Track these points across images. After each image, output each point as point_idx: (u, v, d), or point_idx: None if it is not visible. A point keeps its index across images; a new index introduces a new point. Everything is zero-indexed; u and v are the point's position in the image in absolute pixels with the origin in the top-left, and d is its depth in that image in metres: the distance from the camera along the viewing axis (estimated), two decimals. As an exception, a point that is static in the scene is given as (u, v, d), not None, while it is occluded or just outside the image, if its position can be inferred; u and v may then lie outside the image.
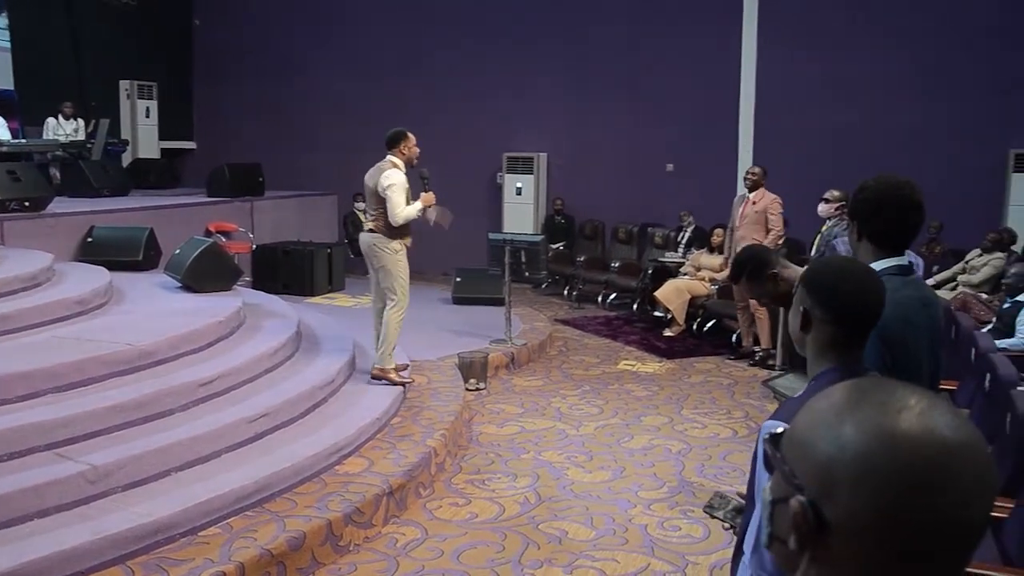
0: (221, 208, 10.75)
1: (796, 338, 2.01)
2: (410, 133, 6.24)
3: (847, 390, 0.87)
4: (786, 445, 0.89)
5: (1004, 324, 6.60)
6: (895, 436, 0.80)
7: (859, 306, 1.89)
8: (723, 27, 11.15)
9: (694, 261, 9.71)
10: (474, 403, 6.73)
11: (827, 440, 0.84)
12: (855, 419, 0.83)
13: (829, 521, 0.82)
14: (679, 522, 4.67)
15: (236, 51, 14.04)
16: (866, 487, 0.80)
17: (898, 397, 0.84)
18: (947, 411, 0.83)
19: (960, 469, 0.79)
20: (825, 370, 1.88)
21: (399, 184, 6.06)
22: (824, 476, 0.83)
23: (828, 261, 2.05)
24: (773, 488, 0.90)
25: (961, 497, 0.79)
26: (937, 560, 0.80)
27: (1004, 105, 10.03)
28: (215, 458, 4.47)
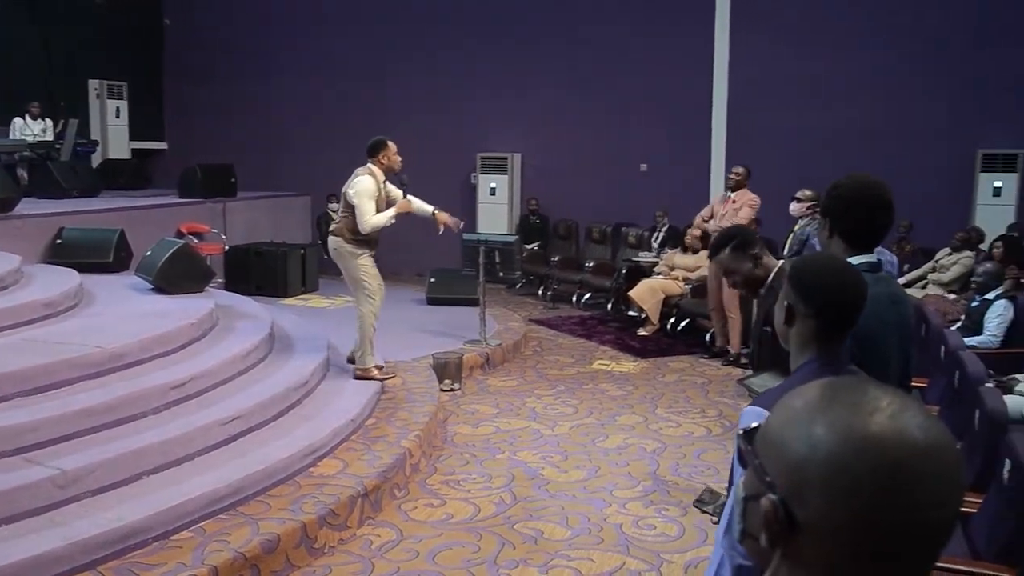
0: (193, 209, 10.66)
1: (780, 332, 2.08)
2: (391, 142, 6.22)
3: (820, 389, 0.88)
4: (759, 442, 0.89)
5: (973, 322, 6.69)
6: (865, 438, 0.81)
7: (839, 300, 1.96)
8: (696, 28, 11.21)
9: (668, 261, 9.75)
10: (449, 404, 6.72)
11: (799, 440, 0.84)
12: (827, 419, 0.83)
13: (799, 521, 0.82)
14: (654, 521, 4.69)
15: (208, 51, 13.93)
16: (836, 488, 0.80)
17: (870, 398, 0.84)
18: (918, 412, 0.83)
19: (930, 471, 0.80)
20: (806, 362, 1.96)
21: (365, 191, 6.04)
22: (795, 476, 0.83)
23: (810, 258, 2.14)
24: (746, 484, 0.91)
25: (930, 499, 0.80)
26: (906, 560, 0.81)
27: (972, 106, 10.16)
28: (187, 461, 4.43)
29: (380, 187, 6.18)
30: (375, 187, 6.10)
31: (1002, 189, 10.03)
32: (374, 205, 6.07)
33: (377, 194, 6.12)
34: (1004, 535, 3.11)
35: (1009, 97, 10.02)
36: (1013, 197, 9.98)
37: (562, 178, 12.25)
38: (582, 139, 12.09)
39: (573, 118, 12.12)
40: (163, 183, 12.62)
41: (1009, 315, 6.48)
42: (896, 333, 2.44)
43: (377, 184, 6.14)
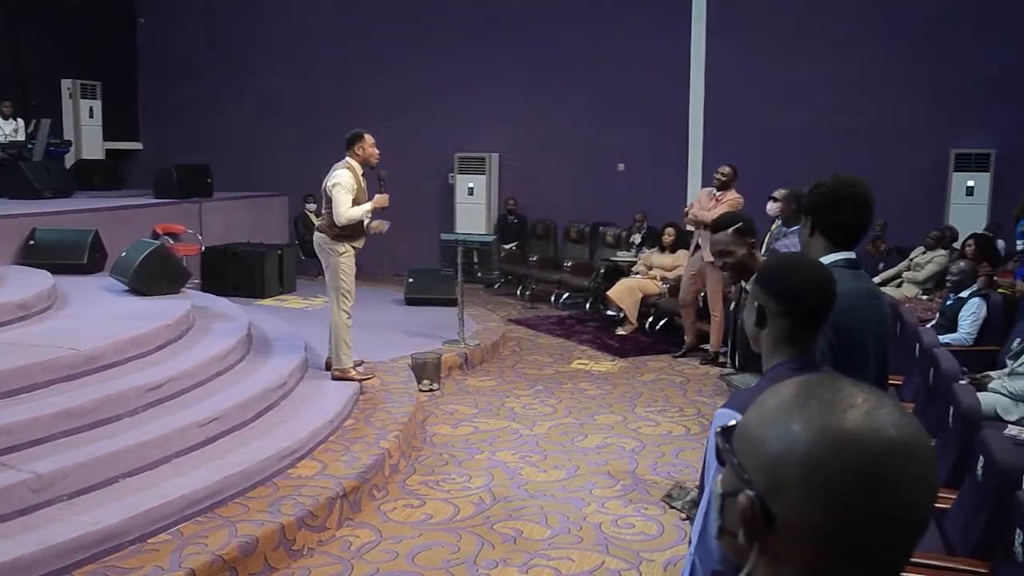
0: (169, 209, 10.58)
1: (751, 334, 2.05)
2: (367, 135, 6.23)
3: (796, 387, 0.88)
4: (737, 439, 0.90)
5: (947, 319, 6.76)
6: (841, 435, 0.81)
7: (812, 299, 1.94)
8: (673, 28, 11.25)
9: (646, 260, 9.78)
10: (428, 404, 6.71)
11: (776, 437, 0.84)
12: (803, 417, 0.84)
13: (776, 517, 0.83)
14: (633, 519, 4.70)
15: (183, 50, 13.83)
16: (813, 485, 0.81)
17: (846, 395, 0.85)
18: (893, 410, 0.84)
19: (905, 468, 0.81)
20: (779, 363, 1.93)
21: (344, 184, 6.07)
22: (772, 473, 0.84)
23: (781, 258, 2.11)
24: (724, 481, 0.91)
25: (905, 496, 0.80)
26: (880, 557, 0.82)
27: (945, 106, 10.27)
28: (164, 464, 4.40)
29: (359, 180, 6.18)
30: (353, 180, 6.11)
31: (975, 188, 10.15)
32: (351, 198, 6.08)
33: (355, 187, 6.13)
34: (978, 530, 3.15)
35: (981, 98, 10.13)
36: (986, 196, 10.10)
37: (540, 178, 12.26)
38: (560, 139, 12.11)
39: (551, 118, 12.13)
40: (138, 184, 12.51)
41: (982, 313, 6.56)
42: (874, 329, 2.48)
43: (355, 177, 6.15)
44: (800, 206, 3.02)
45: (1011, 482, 3.05)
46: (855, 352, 2.39)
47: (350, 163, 6.18)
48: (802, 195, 4.61)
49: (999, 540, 2.89)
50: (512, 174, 12.55)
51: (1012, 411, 5.16)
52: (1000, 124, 10.12)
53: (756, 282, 2.01)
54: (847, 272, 2.45)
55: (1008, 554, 2.75)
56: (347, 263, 6.18)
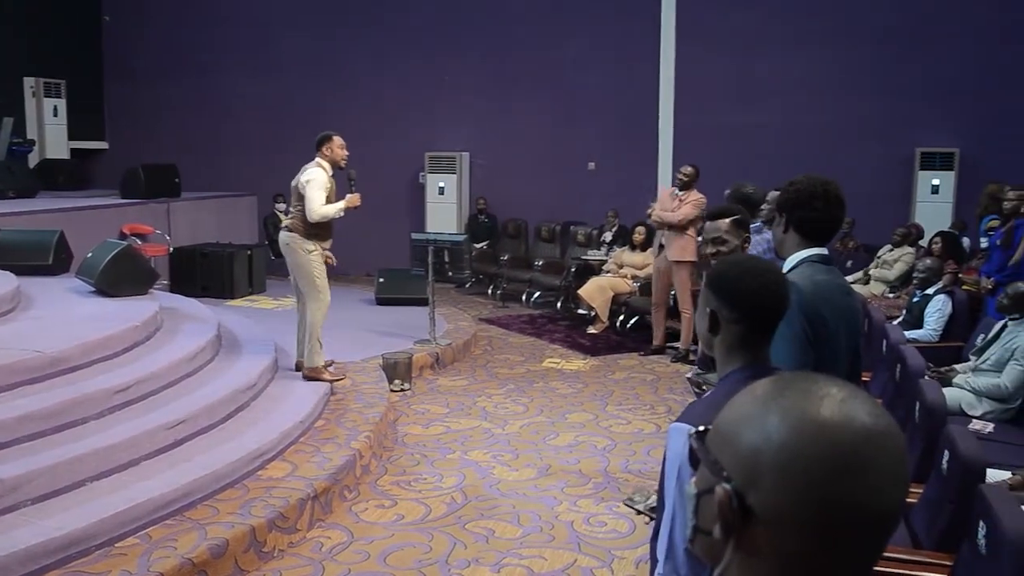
0: (136, 210, 10.47)
1: (704, 339, 2.00)
2: (336, 136, 6.26)
3: (771, 382, 0.89)
4: (711, 438, 0.91)
5: (914, 316, 6.85)
6: (817, 423, 0.83)
7: (765, 303, 1.90)
8: (642, 27, 11.30)
9: (617, 259, 9.82)
10: (399, 404, 6.69)
11: (753, 429, 0.85)
12: (780, 408, 0.85)
13: (754, 509, 0.84)
14: (605, 517, 4.72)
15: (149, 49, 13.68)
16: (790, 474, 0.82)
17: (820, 386, 0.86)
18: (866, 400, 0.86)
19: (877, 456, 0.82)
20: (734, 370, 1.88)
21: (318, 180, 6.09)
22: (750, 465, 0.84)
23: (731, 261, 2.04)
24: (698, 481, 0.92)
25: (878, 483, 0.81)
26: (855, 545, 0.83)
27: (910, 106, 10.40)
28: (132, 467, 4.35)
29: (330, 180, 6.20)
30: (325, 178, 6.14)
31: (940, 187, 10.29)
32: (324, 195, 6.10)
33: (328, 185, 6.15)
34: (943, 523, 3.19)
35: (945, 97, 10.28)
36: (950, 195, 10.24)
37: (511, 177, 12.27)
38: (530, 138, 12.13)
39: (521, 117, 12.14)
40: (104, 183, 12.36)
41: (947, 309, 6.65)
42: (847, 323, 2.51)
43: (327, 176, 6.18)
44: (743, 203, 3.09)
45: (974, 475, 3.10)
46: (829, 345, 2.42)
47: (321, 163, 6.20)
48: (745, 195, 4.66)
49: (963, 532, 2.93)
50: (483, 173, 12.54)
51: (976, 406, 5.25)
52: (964, 123, 10.27)
53: (707, 287, 1.96)
54: (821, 267, 2.51)
55: (972, 546, 2.79)
56: (317, 260, 6.17)
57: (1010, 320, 5.37)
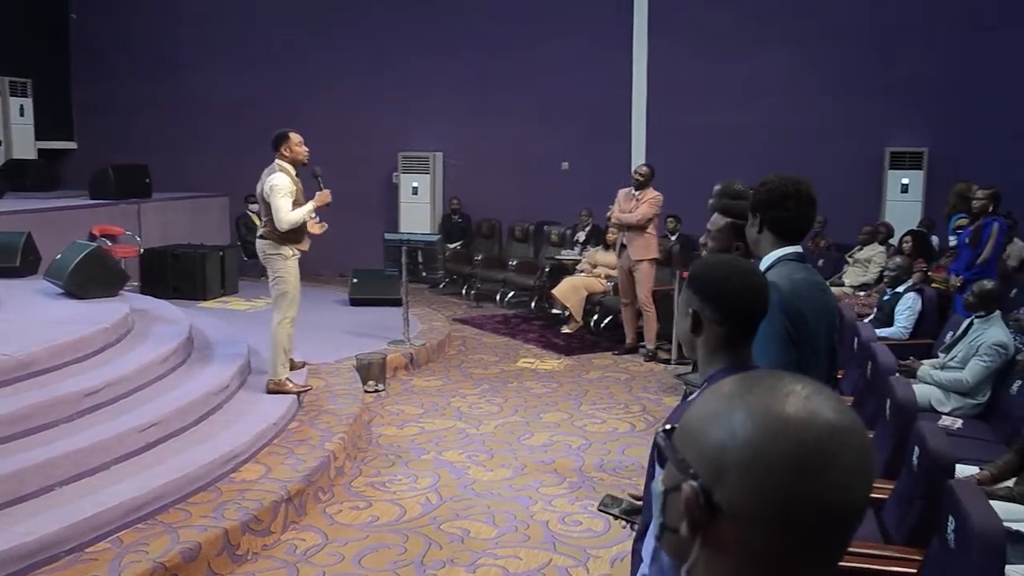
0: (106, 211, 10.35)
1: (685, 340, 2.00)
2: (293, 133, 5.94)
3: (737, 380, 0.90)
4: (678, 435, 0.91)
5: (884, 314, 6.93)
6: (782, 419, 0.83)
7: (748, 304, 1.90)
8: (615, 27, 11.34)
9: (590, 258, 9.84)
10: (373, 405, 6.67)
11: (719, 426, 0.86)
12: (745, 405, 0.86)
13: (720, 505, 0.84)
14: (580, 517, 4.73)
15: (118, 47, 13.53)
16: (756, 469, 0.82)
17: (785, 384, 0.87)
18: (831, 396, 0.86)
19: (841, 452, 0.83)
20: (718, 371, 1.88)
21: (281, 187, 5.78)
22: (716, 461, 0.85)
23: (711, 262, 2.03)
24: (665, 479, 0.92)
25: (844, 479, 0.82)
26: (821, 540, 0.84)
27: (880, 106, 10.52)
28: (103, 470, 4.30)
29: (294, 181, 5.92)
30: (289, 182, 5.84)
31: (909, 186, 10.40)
32: (290, 201, 5.81)
33: (293, 188, 5.87)
34: (913, 518, 3.23)
35: (914, 97, 10.40)
36: (920, 194, 10.36)
37: (484, 177, 12.27)
38: (504, 138, 12.13)
39: (494, 117, 12.14)
40: (73, 184, 12.20)
41: (917, 307, 6.73)
42: (824, 317, 2.54)
43: (291, 179, 5.88)
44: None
45: (944, 471, 3.14)
46: (809, 343, 2.44)
47: (282, 165, 5.89)
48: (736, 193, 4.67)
49: (933, 527, 2.96)
50: (456, 173, 12.53)
51: (945, 403, 5.32)
52: (933, 123, 10.40)
53: (690, 288, 1.95)
54: (798, 265, 2.53)
55: (941, 541, 2.82)
56: (293, 268, 5.92)
57: (976, 318, 5.44)
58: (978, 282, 5.64)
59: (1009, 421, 4.87)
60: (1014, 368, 5.12)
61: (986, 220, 6.93)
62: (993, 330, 5.28)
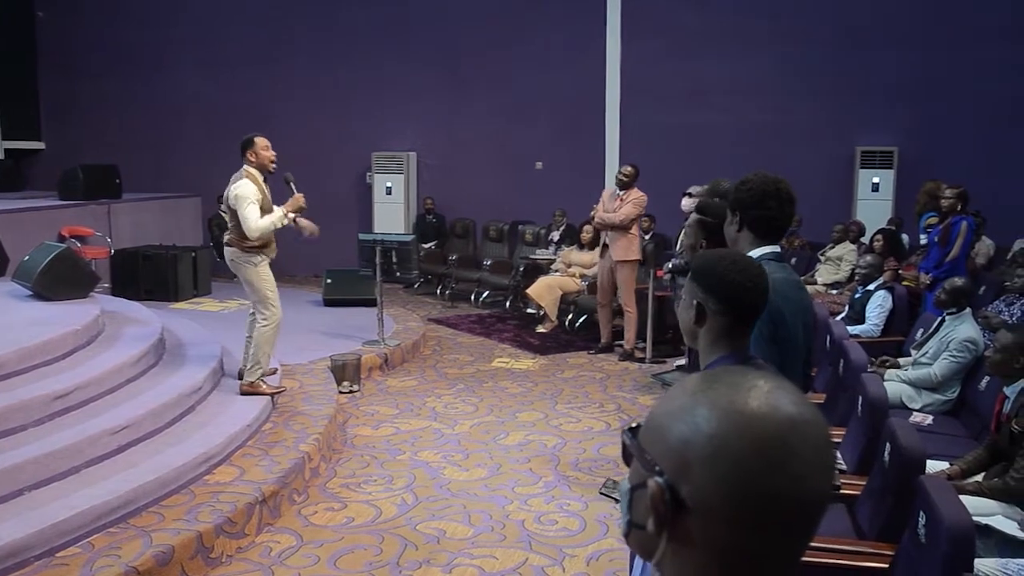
0: (75, 211, 10.23)
1: (688, 331, 2.08)
2: (259, 138, 5.76)
3: (700, 377, 0.92)
4: (643, 433, 0.92)
5: (856, 312, 7.00)
6: (745, 413, 0.84)
7: (751, 296, 2.00)
8: (589, 27, 11.37)
9: (565, 258, 9.85)
10: (348, 406, 6.65)
11: (683, 421, 0.87)
12: (708, 399, 0.87)
13: (685, 500, 0.85)
14: (556, 516, 4.73)
15: (86, 46, 13.37)
16: (720, 463, 0.83)
17: (748, 379, 0.88)
18: (791, 391, 0.88)
19: (803, 444, 0.84)
20: (719, 358, 1.97)
21: (245, 196, 5.59)
22: (680, 456, 0.86)
23: (714, 255, 2.12)
24: (631, 476, 0.93)
25: (805, 471, 0.83)
26: (784, 533, 0.85)
27: (851, 105, 10.62)
28: (73, 474, 4.25)
29: (261, 187, 5.74)
30: (255, 189, 5.66)
31: (880, 185, 10.51)
32: (258, 208, 5.63)
33: (260, 195, 5.69)
34: (885, 514, 3.26)
35: (885, 96, 10.51)
36: (890, 192, 10.47)
37: (458, 177, 12.26)
38: (478, 138, 12.13)
39: (468, 117, 12.14)
40: (41, 184, 12.07)
41: (888, 305, 6.80)
42: (801, 315, 2.57)
43: (257, 185, 5.70)
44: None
45: (914, 467, 3.17)
46: (789, 340, 2.47)
47: (248, 171, 5.71)
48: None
49: (904, 522, 3.00)
50: (430, 173, 12.51)
51: (916, 399, 5.37)
52: (903, 123, 10.52)
53: (694, 280, 2.04)
54: (775, 264, 2.55)
55: (912, 535, 2.85)
56: (264, 271, 5.79)
57: (948, 315, 5.50)
58: (949, 279, 5.70)
59: (978, 417, 4.93)
60: (983, 364, 5.19)
61: (955, 219, 7.02)
62: (964, 327, 5.35)
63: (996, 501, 3.65)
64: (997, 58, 10.04)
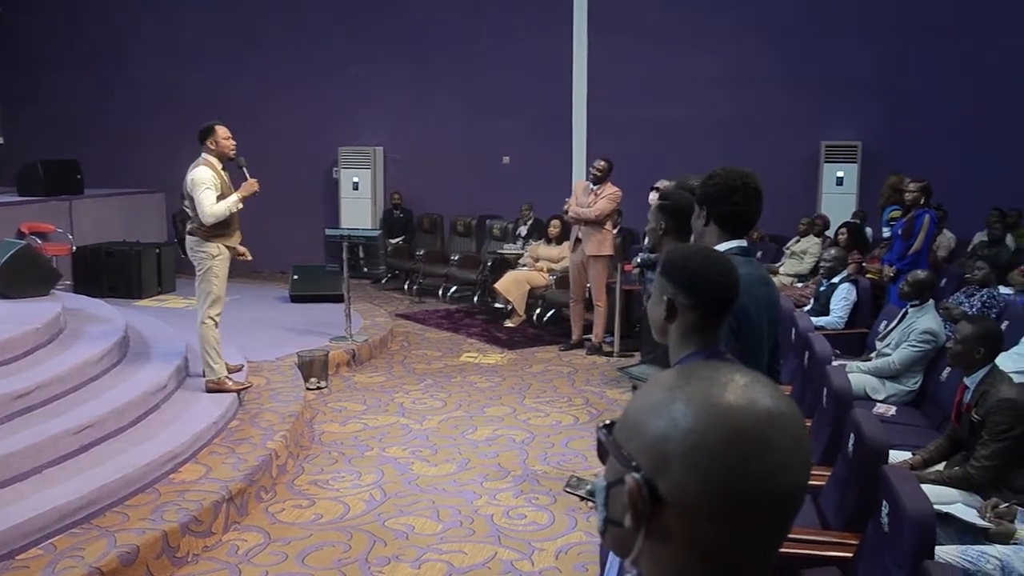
0: (35, 208, 10.06)
1: (658, 327, 2.07)
2: (219, 126, 5.76)
3: (675, 372, 0.91)
4: (619, 429, 0.92)
5: (821, 304, 7.07)
6: (721, 407, 0.85)
7: (722, 290, 2.00)
8: (554, 23, 11.35)
9: (532, 252, 9.86)
10: (315, 402, 6.61)
11: (660, 417, 0.87)
12: (685, 394, 0.87)
13: (663, 496, 0.85)
14: (524, 510, 4.74)
15: (47, 39, 13.11)
16: (698, 457, 0.83)
17: (723, 373, 0.88)
18: (767, 384, 0.88)
19: (780, 437, 0.84)
20: (690, 354, 1.96)
21: (202, 180, 5.60)
22: (657, 452, 0.86)
23: (685, 250, 2.13)
24: (607, 473, 0.93)
25: (781, 462, 0.84)
26: (762, 526, 0.85)
27: (815, 100, 10.73)
28: (35, 474, 4.19)
29: (219, 174, 5.74)
30: (213, 175, 5.67)
31: (844, 179, 10.63)
32: (213, 194, 5.63)
33: (217, 181, 5.68)
34: (849, 504, 3.30)
35: (849, 92, 10.64)
36: (854, 186, 10.59)
37: (425, 172, 12.22)
38: (444, 132, 12.09)
39: (434, 112, 12.10)
40: (-1, 180, 11.85)
41: (852, 297, 6.88)
42: (767, 310, 2.58)
43: (215, 172, 5.70)
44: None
45: (878, 457, 3.21)
46: (753, 335, 2.49)
47: (207, 159, 5.72)
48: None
49: (868, 512, 3.03)
50: (397, 168, 12.46)
51: (880, 390, 5.45)
52: (866, 117, 10.65)
53: (664, 276, 2.03)
54: (741, 259, 2.55)
55: (876, 525, 2.89)
56: (220, 267, 5.73)
57: (911, 306, 5.58)
58: (912, 272, 5.79)
59: (940, 407, 5.01)
60: (944, 356, 5.27)
61: (918, 212, 7.11)
62: (925, 318, 5.43)
63: (956, 489, 3.72)
64: (959, 53, 10.18)
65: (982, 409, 3.77)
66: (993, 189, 9.59)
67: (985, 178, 9.93)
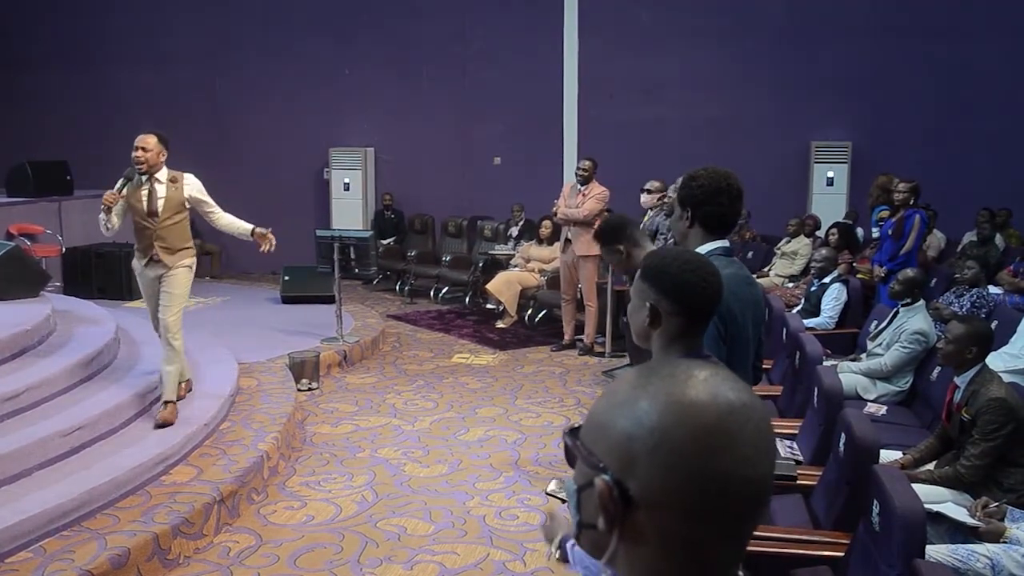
0: (24, 209, 10.02)
1: (641, 333, 2.05)
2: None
3: (637, 372, 0.92)
4: (585, 432, 0.92)
5: (811, 305, 7.09)
6: (684, 402, 0.85)
7: (705, 295, 1.97)
8: (546, 22, 11.37)
9: (524, 253, 9.86)
10: (307, 403, 6.59)
11: (624, 417, 0.87)
12: (648, 392, 0.87)
13: (633, 496, 0.85)
14: (517, 511, 4.74)
15: (33, 38, 13.05)
16: (664, 454, 0.84)
17: (684, 369, 0.89)
18: (729, 377, 0.89)
19: (743, 429, 0.85)
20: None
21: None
22: (624, 452, 0.86)
23: (666, 255, 2.10)
24: (577, 477, 0.93)
25: (745, 453, 0.84)
26: (730, 519, 0.85)
27: (805, 101, 10.76)
28: (24, 477, 4.17)
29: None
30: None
31: (834, 179, 10.66)
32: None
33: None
34: (840, 504, 3.31)
35: (839, 92, 10.66)
36: (844, 186, 10.62)
37: (417, 172, 12.21)
38: (436, 133, 12.09)
39: (426, 112, 12.09)
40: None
41: (843, 297, 6.90)
42: (751, 311, 2.58)
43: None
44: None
45: (868, 456, 3.22)
46: (738, 336, 2.49)
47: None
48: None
49: (859, 512, 3.04)
50: (388, 169, 12.44)
51: (871, 390, 5.46)
52: (856, 118, 10.68)
53: (646, 282, 2.00)
54: (724, 260, 2.56)
55: (866, 524, 2.90)
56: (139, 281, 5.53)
57: (902, 306, 5.60)
58: (902, 271, 5.81)
59: (930, 407, 5.03)
60: (935, 356, 5.29)
61: (908, 212, 7.14)
62: (916, 318, 5.44)
63: (947, 488, 3.73)
64: (948, 54, 10.23)
65: (972, 408, 3.79)
66: (982, 189, 9.64)
67: (974, 178, 9.99)
